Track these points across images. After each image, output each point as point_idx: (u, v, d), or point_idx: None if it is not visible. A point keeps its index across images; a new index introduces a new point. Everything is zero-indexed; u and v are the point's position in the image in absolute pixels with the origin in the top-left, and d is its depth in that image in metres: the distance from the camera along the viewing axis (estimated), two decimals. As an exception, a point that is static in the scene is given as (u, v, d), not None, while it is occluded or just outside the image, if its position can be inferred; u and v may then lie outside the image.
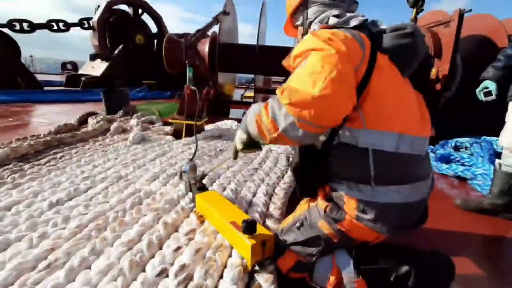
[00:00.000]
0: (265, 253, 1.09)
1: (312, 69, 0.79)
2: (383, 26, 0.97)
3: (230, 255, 1.18)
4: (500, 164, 1.84)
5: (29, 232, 1.29)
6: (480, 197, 2.17)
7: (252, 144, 1.06)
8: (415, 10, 3.02)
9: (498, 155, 2.00)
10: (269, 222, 1.47)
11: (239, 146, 1.09)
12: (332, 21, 0.96)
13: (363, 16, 0.98)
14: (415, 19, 3.12)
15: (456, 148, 3.10)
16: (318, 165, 0.96)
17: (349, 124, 0.87)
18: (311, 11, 1.06)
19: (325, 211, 0.97)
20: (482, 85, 1.93)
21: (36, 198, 1.62)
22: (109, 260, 1.12)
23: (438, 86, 3.41)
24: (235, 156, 1.20)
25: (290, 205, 1.67)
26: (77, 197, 1.66)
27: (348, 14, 0.97)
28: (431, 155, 2.96)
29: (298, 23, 1.13)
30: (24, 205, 1.53)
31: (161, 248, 1.22)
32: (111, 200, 1.62)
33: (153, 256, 1.16)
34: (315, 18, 1.05)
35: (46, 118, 4.52)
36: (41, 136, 2.79)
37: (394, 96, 0.88)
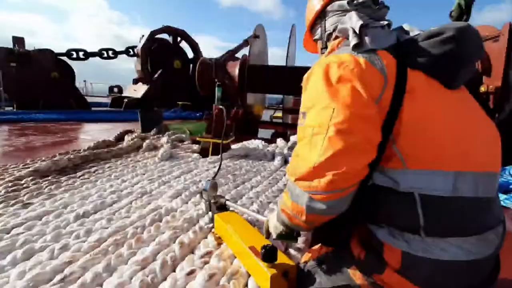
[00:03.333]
0: (286, 286, 0.97)
1: (311, 131, 0.70)
2: (415, 32, 0.79)
3: (246, 285, 1.07)
4: None
5: (53, 243, 1.31)
6: (551, 236, 1.80)
7: (287, 236, 0.96)
8: (458, 24, 2.82)
9: None
10: (291, 250, 1.33)
11: (274, 236, 0.97)
12: (352, 40, 0.77)
13: (387, 23, 0.82)
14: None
15: (515, 176, 2.69)
16: (352, 212, 0.75)
17: (385, 164, 0.69)
18: (329, 22, 0.94)
19: (358, 258, 0.78)
20: None
21: (66, 209, 1.68)
22: (121, 279, 1.07)
23: (490, 106, 3.08)
24: (267, 235, 1.07)
25: (316, 233, 1.52)
26: (102, 210, 1.69)
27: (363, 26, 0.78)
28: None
29: (317, 37, 1.02)
30: (54, 216, 1.59)
31: (174, 270, 1.16)
32: (133, 215, 1.62)
33: (165, 279, 1.10)
34: (334, 30, 0.92)
35: (90, 135, 4.91)
36: (81, 151, 3.00)
37: (441, 121, 0.69)
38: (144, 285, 1.03)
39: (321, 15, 0.98)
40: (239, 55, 4.89)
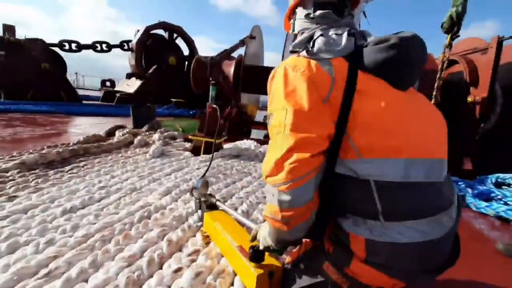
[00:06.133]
0: (271, 286, 0.99)
1: (275, 130, 0.79)
2: (371, 38, 0.86)
3: (232, 284, 1.09)
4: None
5: (38, 237, 1.30)
6: (527, 243, 1.88)
7: (274, 250, 0.96)
8: (449, 36, 2.90)
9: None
10: (278, 250, 1.36)
11: (261, 246, 0.99)
12: (303, 52, 0.86)
13: (346, 30, 0.87)
14: (449, 46, 2.99)
15: (498, 185, 2.79)
16: (322, 200, 0.81)
17: (343, 156, 0.77)
18: (297, 23, 1.00)
19: (329, 252, 0.84)
20: None
21: (53, 203, 1.66)
22: (107, 275, 1.08)
23: (476, 116, 3.18)
24: (253, 240, 1.08)
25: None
26: (90, 206, 1.67)
27: (318, 33, 0.87)
28: (468, 190, 2.67)
29: (290, 31, 1.08)
30: (40, 210, 1.57)
31: (161, 268, 1.16)
32: (121, 211, 1.61)
33: (151, 276, 1.10)
34: (298, 32, 0.99)
35: (80, 128, 4.83)
36: (70, 144, 2.95)
37: (389, 116, 0.76)
38: (130, 282, 1.03)
39: (294, 11, 1.03)
40: (235, 55, 4.90)
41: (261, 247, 0.98)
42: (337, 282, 0.82)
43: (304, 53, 0.86)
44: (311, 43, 0.86)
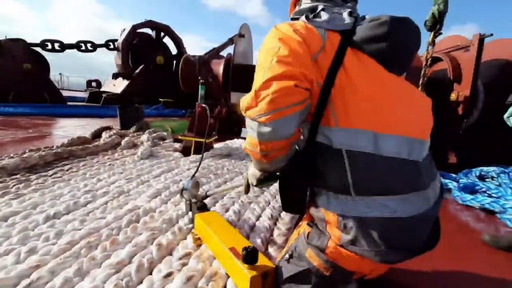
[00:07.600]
0: (265, 287, 0.97)
1: (258, 67, 0.80)
2: None
3: (224, 286, 1.06)
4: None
5: (19, 246, 1.24)
6: (512, 234, 1.93)
7: (266, 179, 0.97)
8: (432, 33, 2.97)
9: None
10: (271, 250, 1.34)
11: (254, 182, 1.00)
12: (303, 17, 0.88)
13: (351, 12, 0.88)
14: (432, 43, 3.05)
15: (481, 178, 2.87)
16: (301, 169, 0.83)
17: (323, 122, 0.79)
18: (303, 5, 0.99)
19: (307, 237, 0.85)
20: (510, 110, 1.79)
21: (35, 210, 1.59)
22: (93, 283, 1.03)
23: (459, 111, 3.27)
24: (247, 190, 1.12)
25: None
26: (75, 211, 1.61)
27: (320, 7, 0.89)
28: (453, 184, 2.74)
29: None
30: (21, 217, 1.49)
31: (151, 273, 1.12)
32: (108, 216, 1.55)
33: (141, 282, 1.07)
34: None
35: (64, 131, 4.67)
36: (53, 147, 2.84)
37: (370, 91, 0.78)
38: (118, 289, 0.99)
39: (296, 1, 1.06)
40: (224, 53, 4.85)
41: (254, 183, 1.00)
42: (320, 269, 0.83)
43: (303, 18, 0.87)
44: (312, 14, 0.87)
